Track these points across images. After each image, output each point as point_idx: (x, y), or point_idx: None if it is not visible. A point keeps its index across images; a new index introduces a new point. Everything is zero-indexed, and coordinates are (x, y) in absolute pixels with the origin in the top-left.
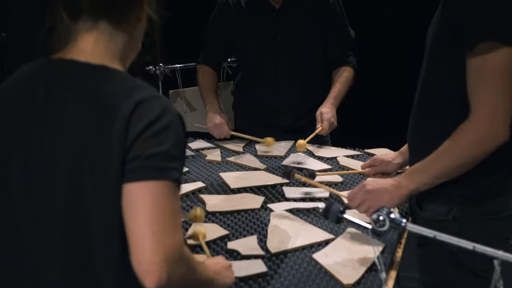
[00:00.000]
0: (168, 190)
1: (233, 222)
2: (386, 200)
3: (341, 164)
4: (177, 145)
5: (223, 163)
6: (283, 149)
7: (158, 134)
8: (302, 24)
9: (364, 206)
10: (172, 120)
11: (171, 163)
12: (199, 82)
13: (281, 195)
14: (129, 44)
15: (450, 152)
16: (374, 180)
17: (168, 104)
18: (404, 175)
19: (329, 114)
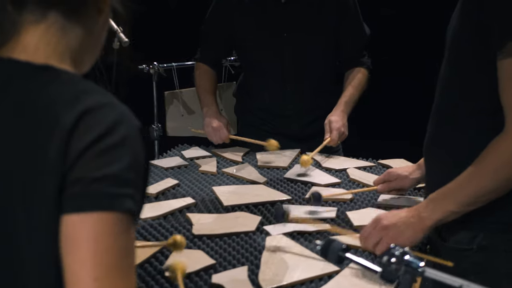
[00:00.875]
0: (118, 225)
1: (222, 249)
2: (409, 235)
3: (352, 177)
4: (133, 166)
5: (219, 174)
6: (287, 159)
7: (107, 152)
8: (311, 20)
9: (382, 245)
10: (127, 135)
11: (123, 189)
12: (196, 82)
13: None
14: (86, 41)
15: (481, 172)
16: (390, 212)
17: (123, 114)
18: (426, 203)
19: (339, 122)
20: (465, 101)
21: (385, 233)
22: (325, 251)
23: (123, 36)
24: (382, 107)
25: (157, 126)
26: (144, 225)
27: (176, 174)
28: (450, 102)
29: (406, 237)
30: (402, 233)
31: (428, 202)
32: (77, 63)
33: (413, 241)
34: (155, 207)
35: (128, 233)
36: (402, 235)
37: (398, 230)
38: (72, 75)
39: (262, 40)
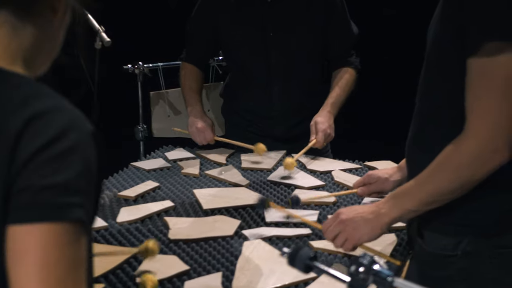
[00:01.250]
0: (66, 236)
1: (197, 254)
2: (366, 231)
3: (336, 180)
4: (84, 174)
5: (201, 177)
6: (272, 161)
7: (55, 159)
8: (298, 19)
9: (340, 239)
10: (78, 141)
11: (73, 198)
12: (181, 81)
13: (261, 218)
14: (40, 42)
15: (441, 172)
16: (350, 207)
17: (75, 119)
18: (386, 199)
19: (325, 124)
20: (446, 104)
21: (343, 227)
22: (292, 259)
23: (105, 36)
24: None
25: (143, 127)
26: (120, 229)
27: (157, 177)
28: (431, 105)
29: (364, 232)
30: (360, 228)
31: (388, 199)
32: (31, 64)
33: (371, 237)
34: (132, 210)
35: (78, 244)
36: (360, 230)
37: (356, 225)
38: (22, 78)
39: (248, 40)
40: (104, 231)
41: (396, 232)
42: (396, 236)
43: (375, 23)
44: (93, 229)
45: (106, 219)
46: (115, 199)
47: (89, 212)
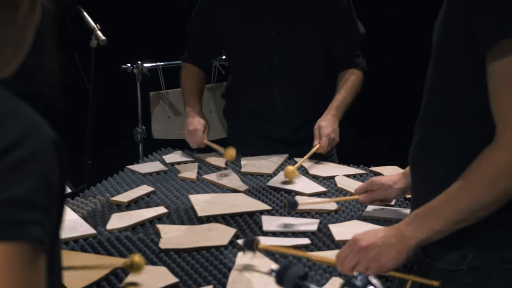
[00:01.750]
0: (21, 257)
1: (189, 265)
2: (390, 257)
3: (339, 186)
4: (43, 187)
5: (199, 181)
6: (273, 165)
7: (9, 171)
8: (298, 17)
9: (361, 268)
10: (36, 149)
11: (28, 213)
12: (182, 82)
13: (258, 226)
14: (3, 43)
15: (472, 186)
16: (368, 232)
17: (33, 125)
18: (409, 220)
19: (329, 128)
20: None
21: (364, 255)
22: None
23: (100, 34)
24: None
25: (142, 128)
26: (109, 237)
27: (153, 181)
28: (437, 107)
29: (388, 259)
30: (383, 254)
31: (412, 219)
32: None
33: (396, 263)
34: (124, 217)
35: (34, 266)
36: (383, 257)
37: (378, 251)
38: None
39: (249, 40)
40: (92, 239)
41: None
42: None
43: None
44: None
45: (95, 226)
46: (107, 204)
47: (49, 229)
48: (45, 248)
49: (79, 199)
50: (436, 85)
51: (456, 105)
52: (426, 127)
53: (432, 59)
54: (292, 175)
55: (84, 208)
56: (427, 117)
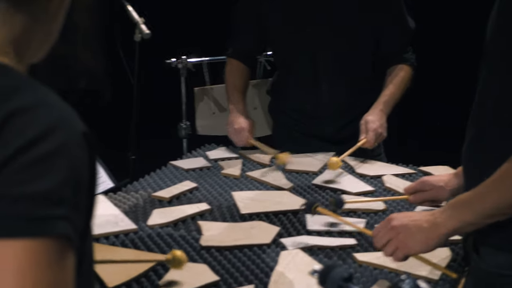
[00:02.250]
0: (47, 254)
1: (230, 263)
2: (419, 240)
3: (387, 185)
4: (71, 181)
5: (242, 178)
6: (319, 163)
7: (37, 163)
8: (347, 15)
9: (390, 247)
10: (64, 142)
11: (55, 209)
12: (226, 78)
13: (302, 225)
14: (32, 31)
15: (506, 182)
16: (405, 213)
17: (64, 116)
18: (444, 209)
19: (376, 123)
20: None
21: (395, 234)
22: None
23: (144, 28)
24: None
25: (186, 124)
26: (150, 233)
27: (196, 177)
28: (489, 107)
29: (416, 241)
30: (413, 237)
31: (446, 209)
32: (22, 54)
33: (424, 248)
34: (165, 213)
35: (62, 264)
36: (412, 239)
37: (408, 233)
38: (7, 69)
39: (294, 37)
40: (133, 234)
41: (451, 246)
42: (450, 250)
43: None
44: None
45: (137, 221)
46: (149, 199)
47: (78, 225)
48: (73, 244)
49: (121, 193)
50: (488, 84)
51: (508, 103)
52: (478, 126)
53: (484, 57)
54: (336, 167)
55: (126, 203)
56: (479, 116)
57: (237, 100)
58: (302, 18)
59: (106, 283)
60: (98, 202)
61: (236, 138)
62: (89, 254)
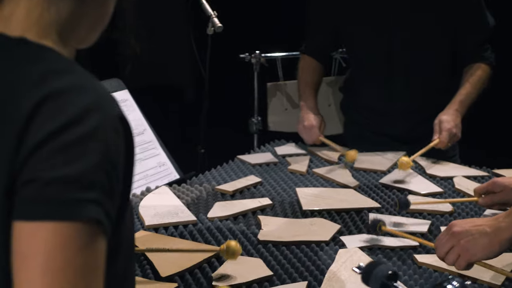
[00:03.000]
0: (78, 237)
1: (286, 259)
2: (481, 246)
3: (457, 187)
4: (103, 165)
5: (308, 174)
6: (388, 162)
7: (70, 147)
8: (423, 13)
9: (452, 255)
10: (99, 125)
11: (86, 193)
12: (298, 74)
13: (365, 224)
14: (79, 14)
15: None
16: (467, 219)
17: (99, 100)
18: (508, 212)
19: (451, 123)
20: None
21: (456, 241)
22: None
23: (217, 21)
24: None
25: (257, 120)
26: (209, 226)
27: (262, 172)
28: None
29: (479, 247)
30: (475, 242)
31: (510, 212)
32: (68, 38)
33: (487, 254)
34: (226, 206)
35: (92, 248)
36: (475, 245)
37: (470, 238)
38: (47, 52)
39: (369, 36)
40: (192, 226)
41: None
42: None
43: None
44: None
45: (197, 213)
46: (212, 192)
47: (110, 210)
48: (105, 229)
49: (185, 185)
50: None
51: None
52: None
53: None
54: (407, 167)
55: (189, 195)
56: None
57: (308, 97)
58: (378, 17)
59: (160, 272)
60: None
61: (306, 135)
62: (126, 242)
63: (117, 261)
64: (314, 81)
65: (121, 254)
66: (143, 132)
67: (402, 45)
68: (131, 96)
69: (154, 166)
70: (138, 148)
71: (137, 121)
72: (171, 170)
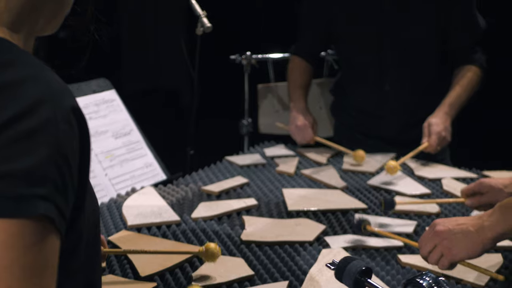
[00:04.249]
0: (26, 235)
1: (269, 259)
2: (464, 246)
3: (445, 189)
4: (55, 159)
5: (296, 176)
6: (376, 163)
7: (18, 141)
8: (413, 13)
9: (435, 254)
10: (50, 118)
11: (35, 188)
12: (288, 76)
13: (350, 224)
14: (34, 4)
15: None
16: (451, 218)
17: (52, 91)
18: (492, 211)
19: (440, 126)
20: None
21: (439, 240)
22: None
23: (206, 21)
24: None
25: (247, 121)
26: (192, 226)
27: (249, 173)
28: None
29: (462, 247)
30: (458, 242)
31: (494, 211)
32: (23, 27)
33: (470, 253)
34: (211, 206)
35: (41, 246)
36: (457, 244)
37: (453, 238)
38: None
39: (359, 36)
40: (175, 226)
41: (505, 253)
42: (503, 257)
43: None
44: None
45: (181, 214)
46: (198, 193)
47: (62, 206)
48: (57, 226)
49: (171, 186)
50: None
51: None
52: None
53: None
54: (394, 171)
55: (174, 196)
56: None
57: (298, 98)
58: (367, 18)
59: (139, 271)
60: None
61: (299, 136)
62: (88, 236)
63: (79, 257)
64: (304, 82)
65: (81, 247)
66: (129, 133)
67: (392, 47)
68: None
69: (141, 167)
70: (125, 149)
71: (124, 122)
72: (158, 170)
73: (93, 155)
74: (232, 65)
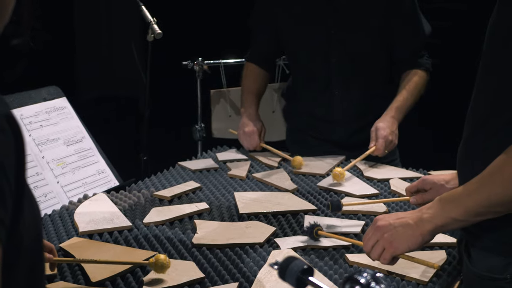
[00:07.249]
0: None
1: (219, 261)
2: (404, 238)
3: (393, 189)
4: None
5: (248, 179)
6: (327, 166)
7: None
8: (360, 15)
9: (377, 249)
10: None
11: None
12: (242, 82)
13: (300, 225)
14: None
15: (491, 182)
16: (392, 213)
17: None
18: (431, 204)
19: (387, 130)
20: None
21: (380, 234)
22: (282, 272)
23: (156, 28)
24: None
25: (201, 126)
26: (144, 231)
27: (202, 177)
28: (484, 108)
29: (402, 239)
30: (398, 235)
31: (434, 204)
32: None
33: (410, 246)
34: (163, 211)
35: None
36: (398, 237)
37: (393, 232)
38: None
39: (306, 38)
40: (127, 231)
41: (448, 249)
42: (447, 253)
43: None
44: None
45: (134, 219)
46: (150, 198)
47: (1, 214)
48: None
49: (123, 192)
50: (483, 84)
51: (501, 104)
52: (473, 126)
53: (481, 57)
54: (340, 178)
55: (126, 202)
56: (474, 116)
57: (250, 104)
58: (314, 20)
59: (90, 277)
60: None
61: (246, 142)
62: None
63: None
64: (257, 88)
65: (22, 254)
66: (81, 140)
67: (339, 60)
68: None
69: (93, 174)
70: (76, 156)
71: (75, 129)
72: (110, 177)
73: (45, 162)
74: (185, 70)
